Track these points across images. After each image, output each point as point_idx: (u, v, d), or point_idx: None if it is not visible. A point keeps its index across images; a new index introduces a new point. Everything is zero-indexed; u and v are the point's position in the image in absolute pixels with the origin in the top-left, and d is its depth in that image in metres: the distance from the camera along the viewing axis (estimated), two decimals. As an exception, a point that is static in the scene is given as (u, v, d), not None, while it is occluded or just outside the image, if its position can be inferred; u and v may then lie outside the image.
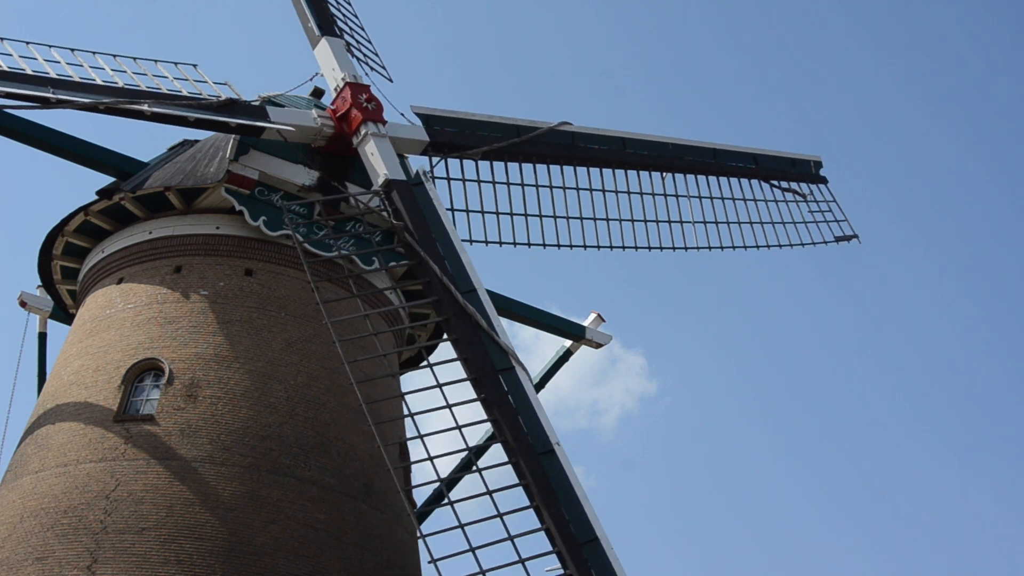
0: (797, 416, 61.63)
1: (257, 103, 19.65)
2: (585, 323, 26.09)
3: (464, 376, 16.59)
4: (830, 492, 57.24)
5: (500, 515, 15.50)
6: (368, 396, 19.90)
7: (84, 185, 60.62)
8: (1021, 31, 65.69)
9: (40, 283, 22.97)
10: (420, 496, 21.87)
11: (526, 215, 21.29)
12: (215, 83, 18.79)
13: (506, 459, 16.16)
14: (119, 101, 16.72)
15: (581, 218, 21.99)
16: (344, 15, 21.93)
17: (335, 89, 20.26)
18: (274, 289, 19.53)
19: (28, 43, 17.21)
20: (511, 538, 15.24)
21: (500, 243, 20.84)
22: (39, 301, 24.71)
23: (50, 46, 17.35)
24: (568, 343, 25.95)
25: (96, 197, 20.38)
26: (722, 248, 23.52)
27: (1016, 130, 66.46)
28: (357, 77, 20.33)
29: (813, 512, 57.32)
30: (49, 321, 25.01)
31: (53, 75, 16.95)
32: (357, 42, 21.62)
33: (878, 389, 61.97)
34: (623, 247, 22.39)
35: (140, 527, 16.03)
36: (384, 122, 20.02)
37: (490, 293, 18.64)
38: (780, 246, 24.30)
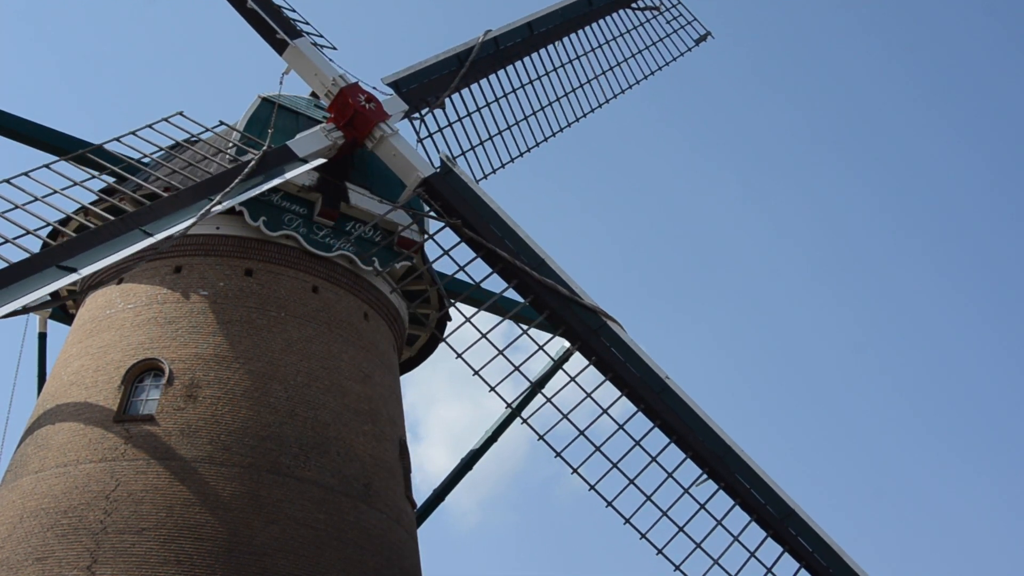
0: (798, 416, 61.60)
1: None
2: (585, 323, 26.02)
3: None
4: (830, 492, 57.18)
5: (654, 458, 17.32)
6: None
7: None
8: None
9: (40, 283, 22.90)
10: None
11: (491, 138, 22.25)
12: (210, 128, 18.57)
13: (634, 408, 17.66)
14: (202, 215, 16.39)
15: (526, 118, 23.21)
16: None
17: (326, 95, 20.05)
18: (274, 289, 19.51)
19: (48, 166, 16.26)
20: (670, 475, 17.36)
21: (486, 176, 21.97)
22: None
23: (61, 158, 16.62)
24: (568, 343, 25.84)
25: (96, 197, 20.32)
26: (624, 91, 25.86)
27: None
28: (344, 77, 20.16)
29: (813, 512, 57.16)
30: (49, 321, 24.97)
31: (125, 206, 16.40)
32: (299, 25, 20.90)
33: (878, 389, 61.96)
34: (562, 129, 24.00)
35: (140, 527, 16.00)
36: (388, 116, 19.96)
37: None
38: (660, 68, 27.11)
